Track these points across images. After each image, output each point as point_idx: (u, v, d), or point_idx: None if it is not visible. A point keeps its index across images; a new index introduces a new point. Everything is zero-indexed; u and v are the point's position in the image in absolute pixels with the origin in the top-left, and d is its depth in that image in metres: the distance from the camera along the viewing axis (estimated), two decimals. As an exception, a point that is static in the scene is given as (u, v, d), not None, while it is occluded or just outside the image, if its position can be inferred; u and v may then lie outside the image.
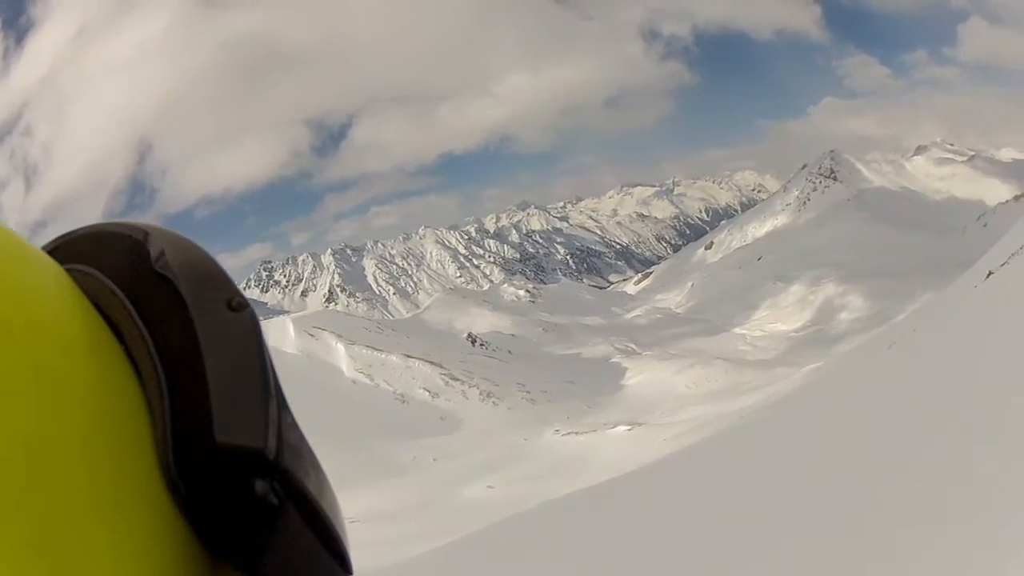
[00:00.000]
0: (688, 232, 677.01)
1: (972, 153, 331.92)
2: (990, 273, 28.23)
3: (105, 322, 0.66)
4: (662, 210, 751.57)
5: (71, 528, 0.52)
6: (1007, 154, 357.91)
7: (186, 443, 0.61)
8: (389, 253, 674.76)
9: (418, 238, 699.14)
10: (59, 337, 0.58)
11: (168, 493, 0.61)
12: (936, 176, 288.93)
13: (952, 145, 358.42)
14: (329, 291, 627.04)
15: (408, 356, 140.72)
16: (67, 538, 0.51)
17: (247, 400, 0.63)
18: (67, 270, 0.68)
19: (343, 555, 0.68)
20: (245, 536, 0.62)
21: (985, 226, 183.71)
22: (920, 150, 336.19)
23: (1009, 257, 28.82)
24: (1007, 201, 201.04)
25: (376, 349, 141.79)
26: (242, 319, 0.68)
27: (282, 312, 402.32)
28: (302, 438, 0.68)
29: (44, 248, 0.71)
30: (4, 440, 0.50)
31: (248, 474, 0.61)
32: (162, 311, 0.66)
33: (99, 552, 0.53)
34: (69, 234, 0.74)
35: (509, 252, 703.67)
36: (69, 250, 0.71)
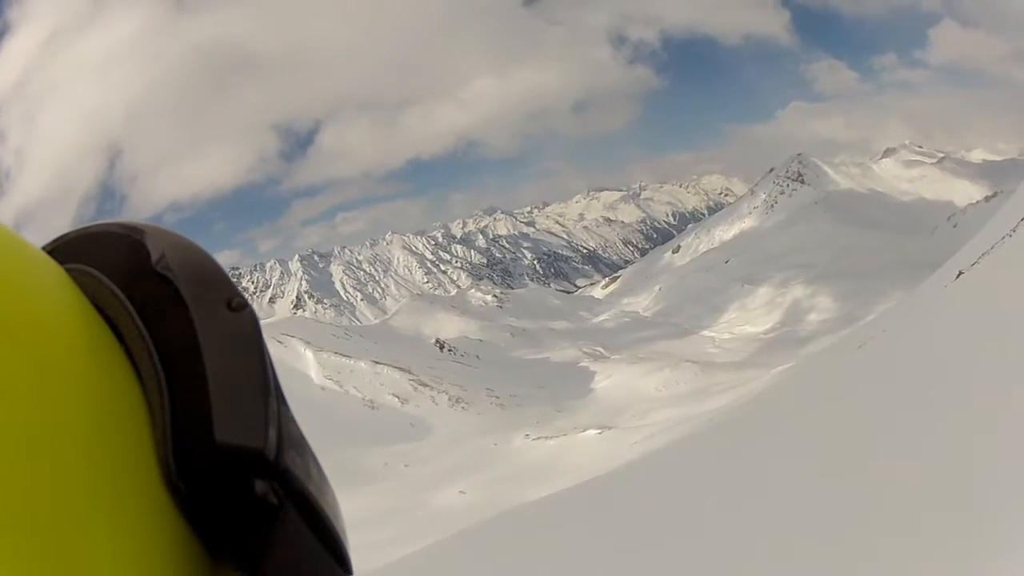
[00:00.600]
0: (655, 236, 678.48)
1: (942, 155, 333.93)
2: (960, 273, 28.33)
3: (105, 322, 0.66)
4: (629, 214, 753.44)
5: (71, 528, 0.52)
6: (978, 155, 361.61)
7: (186, 443, 0.61)
8: (356, 259, 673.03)
9: (385, 244, 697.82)
10: (59, 337, 0.58)
11: (168, 493, 0.60)
12: (905, 178, 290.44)
13: (921, 147, 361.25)
14: (297, 297, 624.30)
15: (377, 362, 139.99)
16: (67, 538, 0.51)
17: (247, 400, 0.63)
18: (67, 270, 0.68)
19: (343, 555, 0.68)
20: (245, 536, 0.62)
21: (955, 227, 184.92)
22: (888, 152, 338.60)
23: (979, 257, 28.94)
24: (977, 202, 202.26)
25: (344, 355, 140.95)
26: (242, 319, 0.68)
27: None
28: (302, 437, 0.68)
29: (44, 248, 0.71)
30: (4, 440, 0.50)
31: (248, 474, 0.61)
32: (162, 311, 0.66)
33: (99, 552, 0.53)
34: (69, 234, 0.73)
35: (476, 257, 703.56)
36: (69, 250, 0.71)
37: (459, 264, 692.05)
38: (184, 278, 0.67)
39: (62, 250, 0.72)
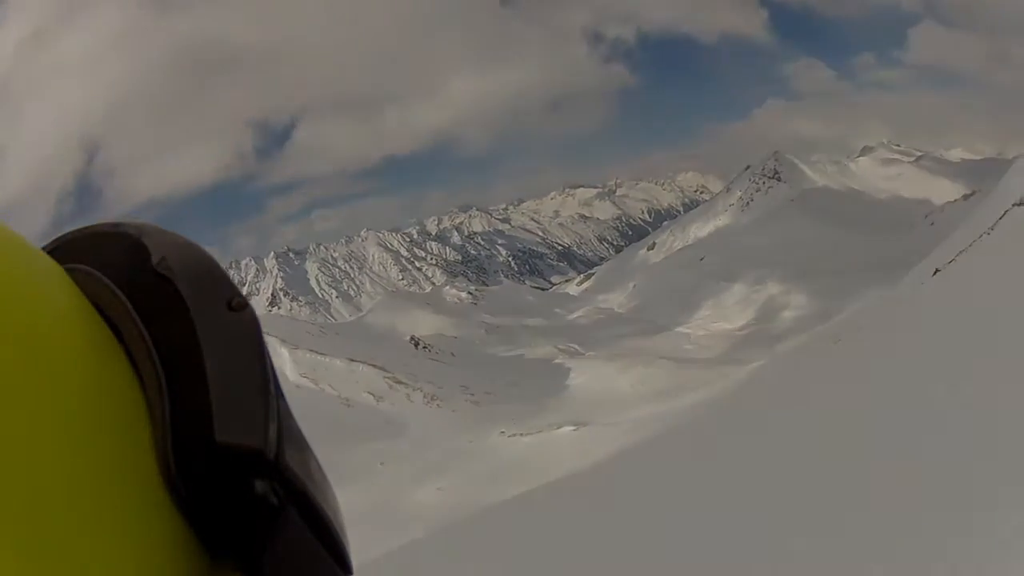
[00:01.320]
0: (630, 233, 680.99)
1: (919, 154, 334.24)
2: (937, 271, 28.46)
3: (105, 322, 0.65)
4: (604, 211, 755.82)
5: (71, 528, 0.52)
6: (956, 154, 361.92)
7: (186, 443, 0.61)
8: (331, 256, 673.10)
9: (360, 241, 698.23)
10: (59, 337, 0.58)
11: (168, 493, 0.60)
12: (882, 176, 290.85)
13: (899, 146, 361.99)
14: (272, 295, 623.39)
15: (352, 360, 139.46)
16: (66, 538, 0.51)
17: (247, 400, 0.63)
18: (67, 270, 0.68)
19: (343, 555, 0.68)
20: (245, 536, 0.62)
21: (932, 225, 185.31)
22: (866, 151, 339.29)
23: (956, 255, 29.07)
24: (955, 200, 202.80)
25: (320, 353, 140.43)
26: (242, 319, 0.67)
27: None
28: (302, 437, 0.68)
29: (44, 248, 0.71)
30: (3, 440, 0.50)
31: (248, 474, 0.62)
32: (162, 311, 0.66)
33: (98, 552, 0.53)
34: (69, 234, 0.73)
35: (451, 254, 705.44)
36: (69, 250, 0.71)
37: (434, 261, 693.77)
38: (184, 278, 0.68)
39: (62, 250, 0.71)
